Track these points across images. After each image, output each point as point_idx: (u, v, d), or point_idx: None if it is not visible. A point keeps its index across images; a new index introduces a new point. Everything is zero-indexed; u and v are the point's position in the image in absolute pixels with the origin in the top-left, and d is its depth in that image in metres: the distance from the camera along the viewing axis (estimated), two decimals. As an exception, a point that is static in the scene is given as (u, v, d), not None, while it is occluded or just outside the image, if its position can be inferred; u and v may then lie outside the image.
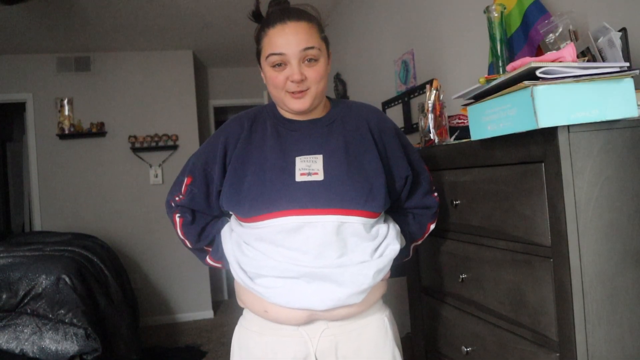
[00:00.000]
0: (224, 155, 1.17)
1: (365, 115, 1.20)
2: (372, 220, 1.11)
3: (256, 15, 1.15)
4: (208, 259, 1.27)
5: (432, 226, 1.32)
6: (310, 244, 1.05)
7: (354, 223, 1.07)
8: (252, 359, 1.14)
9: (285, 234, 1.06)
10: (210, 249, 1.26)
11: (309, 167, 1.09)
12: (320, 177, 1.08)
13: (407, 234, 1.27)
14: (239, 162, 1.14)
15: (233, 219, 1.20)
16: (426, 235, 1.32)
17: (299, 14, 1.09)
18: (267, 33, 1.09)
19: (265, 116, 1.20)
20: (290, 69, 1.07)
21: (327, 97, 1.23)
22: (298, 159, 1.10)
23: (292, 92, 1.09)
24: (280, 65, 1.08)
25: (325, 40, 1.14)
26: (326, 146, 1.12)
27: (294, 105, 1.10)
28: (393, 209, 1.26)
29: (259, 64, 1.15)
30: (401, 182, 1.20)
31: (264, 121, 1.19)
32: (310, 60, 1.08)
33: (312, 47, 1.07)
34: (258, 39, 1.13)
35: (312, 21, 1.11)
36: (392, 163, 1.18)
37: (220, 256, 1.22)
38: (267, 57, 1.09)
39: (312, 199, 1.06)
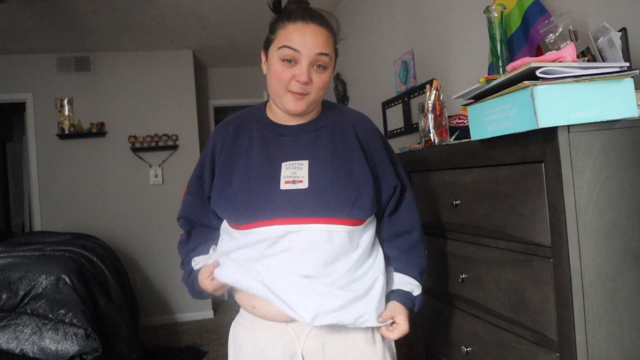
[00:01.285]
0: (212, 162, 1.19)
1: (353, 121, 1.19)
2: (356, 228, 1.10)
3: (276, 5, 1.14)
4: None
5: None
6: (295, 252, 1.05)
7: (340, 231, 1.07)
8: (244, 354, 1.16)
9: (270, 243, 1.07)
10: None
11: (294, 175, 1.08)
12: (304, 184, 1.07)
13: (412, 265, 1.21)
14: (226, 168, 1.15)
15: (224, 233, 1.21)
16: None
17: (322, 20, 1.10)
18: (286, 26, 1.08)
19: (252, 121, 1.20)
20: (299, 68, 1.07)
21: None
22: (284, 165, 1.10)
23: (294, 92, 1.08)
24: (290, 61, 1.07)
25: (336, 52, 1.15)
26: (313, 152, 1.12)
27: (291, 106, 1.09)
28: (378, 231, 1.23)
29: (265, 52, 1.15)
30: (389, 191, 1.17)
31: (250, 126, 1.19)
32: (319, 66, 1.08)
33: (326, 54, 1.08)
34: (273, 29, 1.12)
35: (331, 31, 1.12)
36: (380, 171, 1.17)
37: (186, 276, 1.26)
38: (280, 48, 1.07)
39: (296, 207, 1.06)
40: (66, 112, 4.38)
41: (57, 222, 4.30)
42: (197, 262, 1.24)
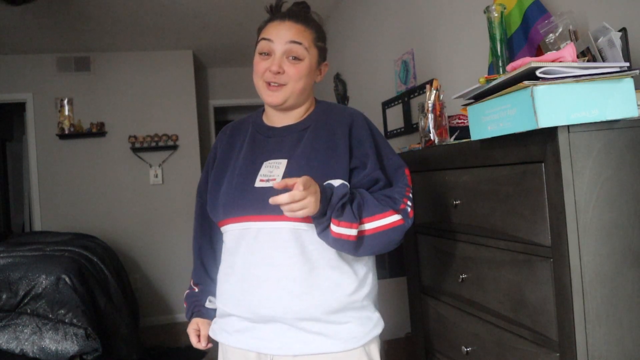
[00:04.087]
0: (214, 163, 1.24)
1: (343, 119, 1.16)
2: None
3: (271, 10, 1.19)
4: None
5: (394, 217, 1.04)
6: (265, 249, 1.07)
7: (309, 230, 1.06)
8: None
9: (241, 239, 1.09)
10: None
11: (270, 173, 1.10)
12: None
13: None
14: (220, 169, 1.20)
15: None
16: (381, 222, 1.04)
17: (298, 17, 1.15)
18: (267, 25, 1.16)
19: (248, 124, 1.24)
20: (272, 59, 1.11)
21: (317, 101, 1.23)
22: (264, 164, 1.13)
23: (268, 83, 1.12)
24: (267, 54, 1.12)
25: (319, 48, 1.17)
26: (293, 152, 1.12)
27: (267, 98, 1.14)
28: None
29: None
30: (368, 184, 1.10)
31: (246, 129, 1.24)
32: (294, 58, 1.11)
33: (298, 43, 1.11)
34: (259, 30, 1.19)
35: (309, 27, 1.15)
36: (368, 166, 1.12)
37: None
38: (258, 42, 1.15)
39: (265, 205, 1.04)
40: (66, 112, 4.38)
41: (57, 222, 4.30)
42: (212, 301, 1.27)
